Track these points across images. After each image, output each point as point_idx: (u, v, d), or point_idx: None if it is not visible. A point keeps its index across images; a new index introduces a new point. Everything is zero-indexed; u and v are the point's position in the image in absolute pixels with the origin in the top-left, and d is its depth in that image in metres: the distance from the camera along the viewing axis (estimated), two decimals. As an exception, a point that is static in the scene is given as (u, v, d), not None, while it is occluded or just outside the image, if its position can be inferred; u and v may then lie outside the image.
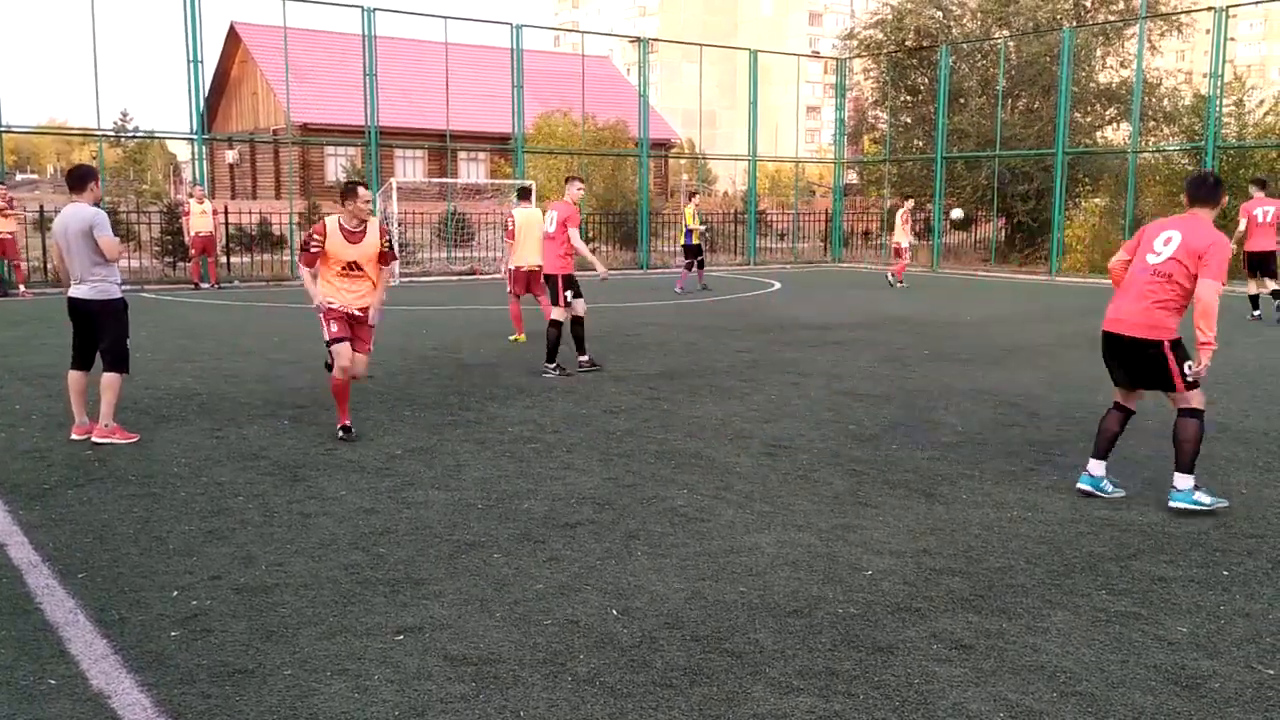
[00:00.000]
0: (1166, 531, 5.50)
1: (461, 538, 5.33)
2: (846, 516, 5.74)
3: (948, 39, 31.28)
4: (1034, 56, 30.02)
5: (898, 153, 32.97)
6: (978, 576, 4.82)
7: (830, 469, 6.77)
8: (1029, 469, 6.80)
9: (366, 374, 8.13)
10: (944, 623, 4.29)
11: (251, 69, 44.30)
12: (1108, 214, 27.38)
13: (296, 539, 5.29)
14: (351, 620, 4.27)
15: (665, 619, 4.31)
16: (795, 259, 31.77)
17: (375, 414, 8.38)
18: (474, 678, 3.77)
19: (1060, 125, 26.00)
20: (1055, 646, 4.06)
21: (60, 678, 3.76)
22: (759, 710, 3.54)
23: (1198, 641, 4.12)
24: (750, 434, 7.79)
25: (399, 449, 7.21)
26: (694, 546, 5.22)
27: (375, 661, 3.89)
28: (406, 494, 6.11)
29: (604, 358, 11.51)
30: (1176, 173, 25.46)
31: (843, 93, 33.52)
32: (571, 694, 3.65)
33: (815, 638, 4.13)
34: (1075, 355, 12.01)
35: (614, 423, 8.14)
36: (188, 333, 13.61)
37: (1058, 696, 3.65)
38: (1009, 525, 5.59)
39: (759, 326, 14.74)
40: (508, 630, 4.18)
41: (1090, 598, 4.57)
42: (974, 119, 30.45)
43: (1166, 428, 8.02)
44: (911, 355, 11.89)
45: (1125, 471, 6.70)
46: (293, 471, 6.60)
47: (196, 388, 9.49)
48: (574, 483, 6.39)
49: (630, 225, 29.51)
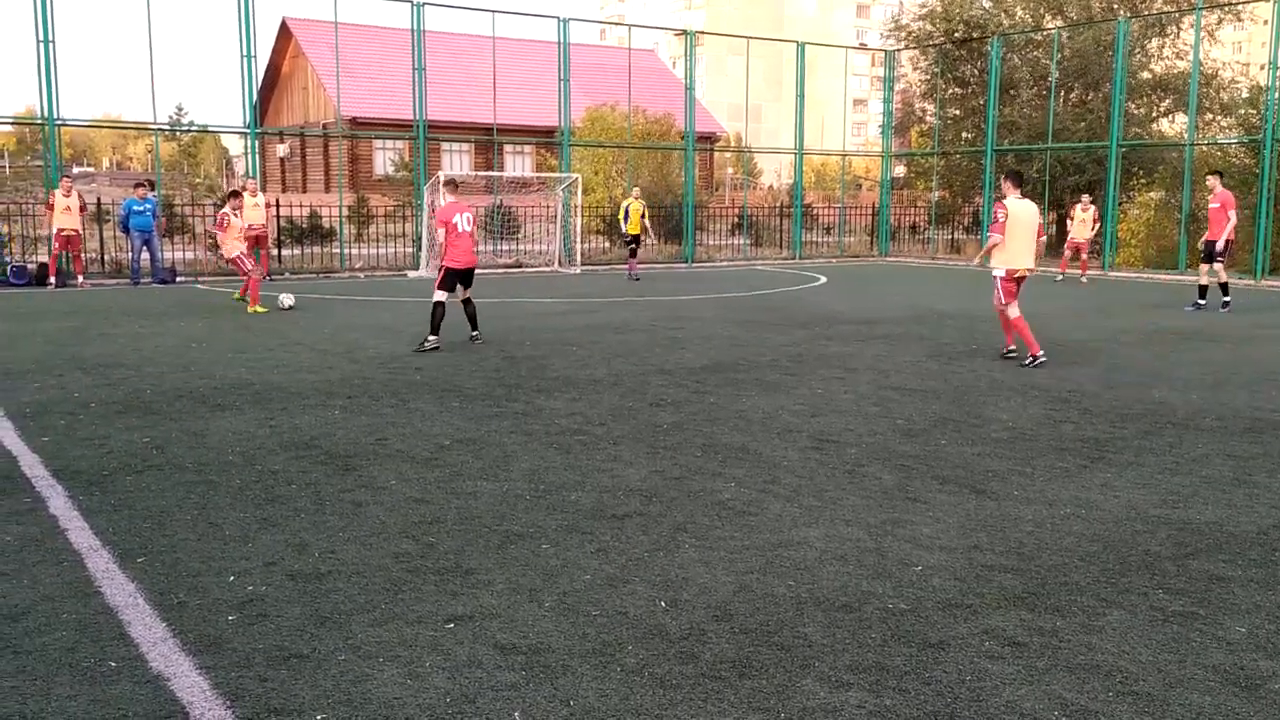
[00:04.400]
0: (1225, 530, 5.40)
1: (510, 528, 5.36)
2: (895, 511, 5.70)
3: (998, 29, 30.87)
4: (1085, 47, 29.54)
5: (946, 145, 32.61)
6: (1030, 574, 4.77)
7: (878, 464, 6.73)
8: (1082, 466, 6.70)
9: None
10: (996, 620, 4.24)
11: (302, 64, 44.80)
12: (1163, 208, 26.89)
13: (348, 527, 5.36)
14: (403, 608, 4.32)
15: (713, 611, 4.31)
16: (841, 253, 31.56)
17: (424, 405, 8.45)
18: (524, 666, 3.79)
19: (1115, 116, 25.56)
20: (1111, 645, 4.01)
21: (121, 660, 3.84)
22: (809, 704, 3.53)
23: (1257, 642, 4.04)
24: (797, 428, 7.75)
25: (447, 440, 7.27)
26: (742, 540, 5.22)
27: (426, 649, 3.93)
28: (455, 484, 6.17)
29: (650, 350, 11.52)
30: (1234, 166, 24.93)
31: (890, 85, 33.21)
32: (620, 684, 3.67)
33: (865, 632, 4.11)
34: (1129, 352, 11.82)
35: (660, 416, 8.15)
36: (241, 324, 13.81)
37: (1114, 696, 3.60)
38: (1061, 523, 5.52)
39: (804, 321, 14.67)
40: (557, 620, 4.21)
41: (1147, 596, 4.50)
42: (1024, 111, 30.04)
43: (1223, 423, 7.88)
44: (959, 350, 11.77)
45: (1182, 469, 6.59)
46: (344, 461, 6.68)
47: (250, 378, 9.64)
48: (621, 475, 6.41)
49: (676, 219, 29.47)
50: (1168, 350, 11.98)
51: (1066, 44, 29.86)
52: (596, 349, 11.66)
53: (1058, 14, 31.71)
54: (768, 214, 33.79)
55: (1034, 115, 29.52)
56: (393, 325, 13.74)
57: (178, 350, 11.33)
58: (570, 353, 11.37)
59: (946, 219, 33.97)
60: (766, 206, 35.96)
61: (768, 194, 49.29)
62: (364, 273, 23.36)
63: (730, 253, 30.35)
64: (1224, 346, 12.34)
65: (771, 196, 44.85)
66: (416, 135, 24.39)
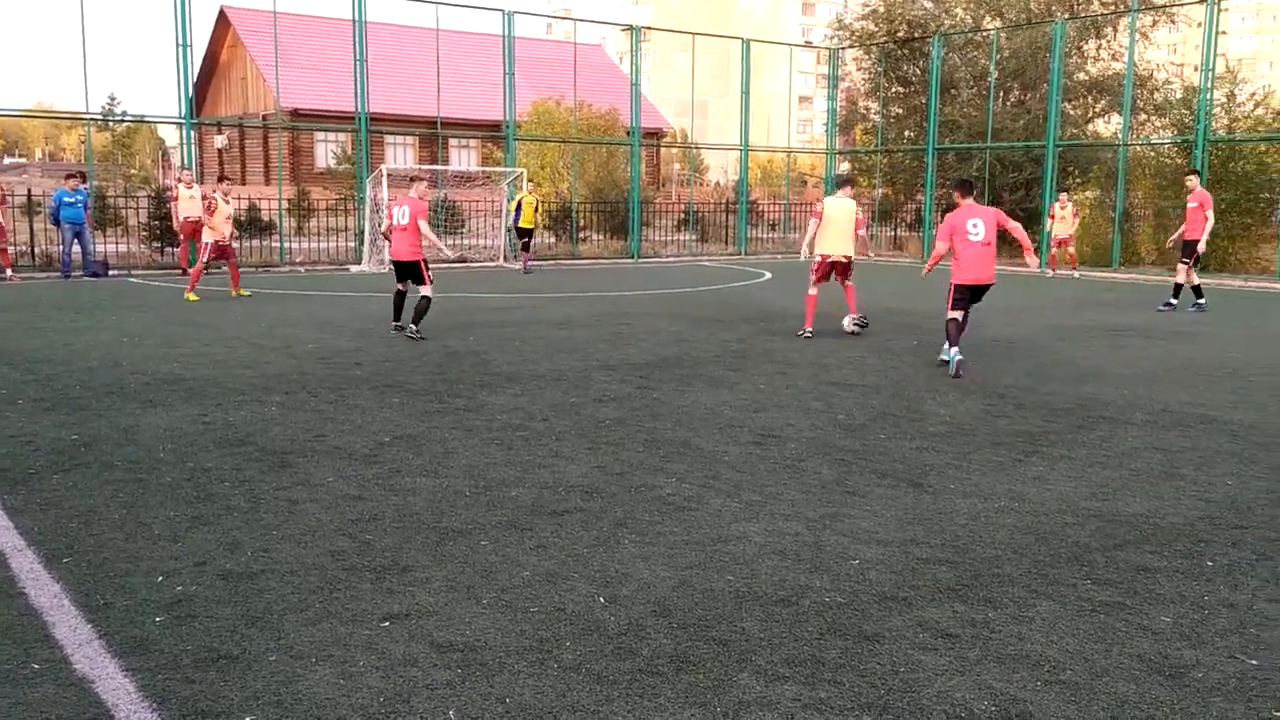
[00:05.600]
0: (1152, 522, 5.52)
1: (449, 525, 5.32)
2: (834, 506, 5.75)
3: (939, 29, 31.26)
4: (1023, 48, 30.02)
5: (889, 143, 32.96)
6: (964, 566, 4.83)
7: (818, 458, 6.78)
8: (1016, 460, 6.82)
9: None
10: (930, 612, 4.30)
11: (241, 53, 44.06)
12: (1098, 206, 27.43)
13: (283, 525, 5.28)
14: (338, 607, 4.26)
15: (652, 607, 4.31)
16: (786, 249, 31.77)
17: (363, 401, 8.36)
18: (460, 664, 3.76)
19: (1052, 117, 26.03)
20: (1040, 635, 4.08)
21: (44, 662, 3.74)
22: (745, 698, 3.55)
23: (1182, 631, 4.14)
24: (739, 423, 7.79)
25: (387, 436, 7.20)
26: (682, 535, 5.23)
27: (361, 648, 3.88)
28: (394, 481, 6.10)
29: (594, 346, 11.51)
30: (1166, 166, 25.49)
31: (835, 83, 33.48)
32: (557, 681, 3.65)
33: (802, 626, 4.14)
34: (1063, 347, 12.04)
35: (603, 411, 8.14)
36: (176, 319, 13.55)
37: (1041, 685, 3.66)
38: (995, 515, 5.61)
39: (748, 316, 14.74)
40: (494, 617, 4.18)
41: (1075, 588, 4.59)
42: (965, 110, 30.46)
43: (1153, 417, 8.06)
44: (900, 346, 11.91)
45: (1112, 462, 6.73)
46: (280, 457, 6.58)
47: (183, 373, 9.45)
48: (562, 471, 6.39)
49: (622, 215, 29.46)
50: (1101, 346, 12.22)
51: (1005, 45, 30.32)
52: (540, 344, 11.62)
53: (997, 15, 32.18)
54: (714, 210, 33.89)
55: (974, 114, 29.93)
56: (333, 320, 13.57)
57: (109, 345, 11.08)
58: (514, 348, 11.31)
59: (890, 216, 34.35)
60: (712, 202, 36.07)
61: (714, 190, 49.44)
62: (304, 267, 23.04)
63: (676, 248, 30.41)
64: (1156, 342, 12.62)
65: (718, 192, 45.00)
66: (358, 128, 24.10)
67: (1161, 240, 25.52)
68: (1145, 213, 26.37)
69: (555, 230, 29.79)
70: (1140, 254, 26.02)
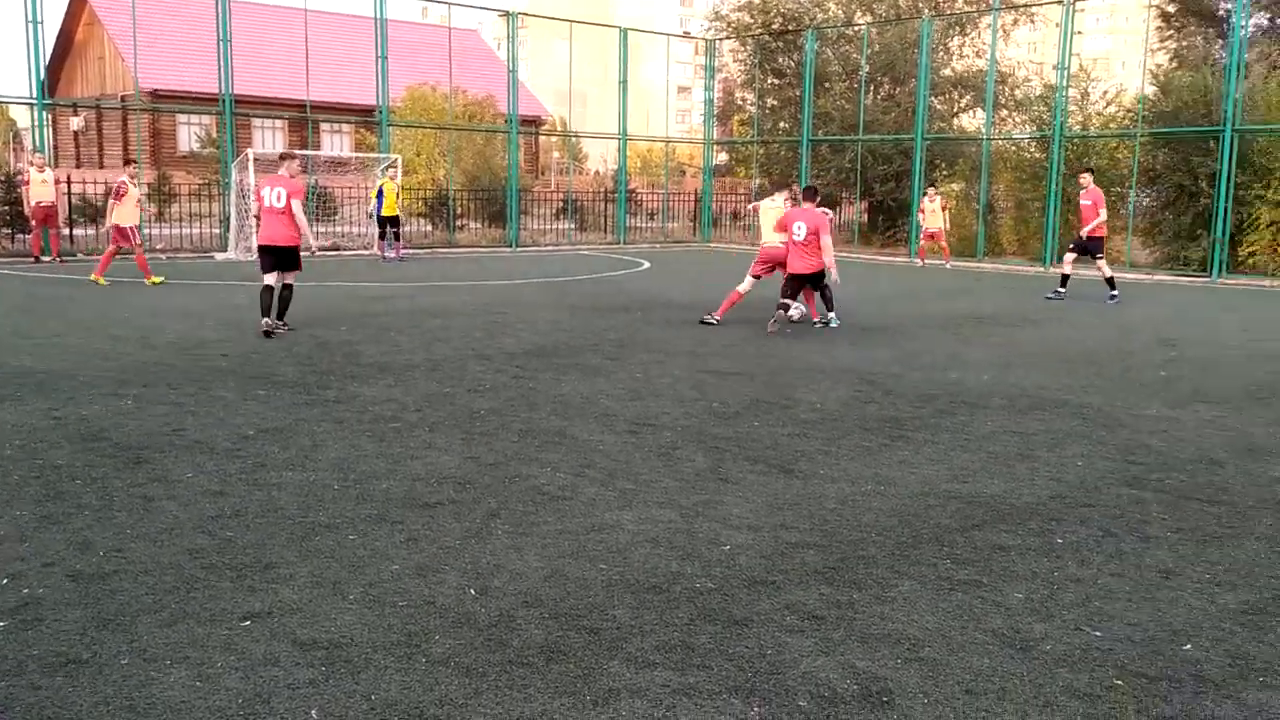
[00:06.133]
0: (1008, 502, 5.75)
1: (315, 519, 5.19)
2: (707, 493, 5.81)
3: (813, 24, 31.87)
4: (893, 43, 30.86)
5: (765, 134, 33.46)
6: (831, 549, 4.95)
7: (692, 446, 6.85)
8: (883, 444, 7.01)
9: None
10: (797, 594, 4.39)
11: (98, 31, 42.02)
12: (963, 198, 28.39)
13: (138, 524, 5.06)
14: (195, 607, 4.11)
15: (524, 598, 4.29)
16: (665, 238, 31.98)
17: (227, 393, 8.08)
18: (324, 662, 3.68)
19: (920, 111, 26.82)
20: (901, 614, 4.20)
21: None
22: (614, 685, 3.56)
23: (1032, 606, 4.32)
24: (615, 412, 7.81)
25: (251, 429, 6.97)
26: (555, 525, 5.21)
27: (219, 649, 3.75)
28: (258, 475, 5.92)
29: (470, 335, 11.38)
30: (1026, 160, 26.54)
31: (712, 74, 33.82)
32: (425, 675, 3.60)
33: (672, 612, 4.17)
34: (930, 334, 12.44)
35: (478, 401, 8.05)
36: (27, 308, 12.87)
37: (901, 663, 3.78)
38: (862, 499, 5.76)
39: (626, 305, 14.79)
40: (361, 612, 4.10)
41: (935, 567, 4.74)
42: (838, 103, 31.13)
43: (1011, 401, 8.39)
44: (775, 334, 12.11)
45: (972, 445, 6.98)
46: (135, 453, 6.31)
47: (34, 366, 8.98)
48: (435, 462, 6.30)
49: (500, 203, 29.18)
50: (965, 333, 12.67)
51: (876, 40, 31.10)
52: (415, 334, 11.43)
53: (868, 11, 32.96)
54: (593, 199, 33.86)
55: (846, 107, 30.62)
56: (197, 310, 13.09)
57: (-48, 337, 10.46)
58: (387, 338, 11.10)
59: (765, 206, 34.83)
60: (592, 191, 36.04)
61: (593, 179, 49.41)
62: (166, 254, 22.15)
63: (555, 237, 30.30)
64: (1015, 330, 13.14)
65: (597, 181, 44.97)
66: (222, 110, 23.26)
67: (1023, 231, 26.60)
68: (1007, 205, 27.40)
69: (432, 218, 29.33)
70: (1003, 244, 27.03)
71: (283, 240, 11.21)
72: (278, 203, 11.12)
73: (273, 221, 11.21)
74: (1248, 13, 23.96)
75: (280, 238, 11.21)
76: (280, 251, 11.25)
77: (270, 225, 11.26)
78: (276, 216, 11.17)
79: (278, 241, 11.22)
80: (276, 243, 11.23)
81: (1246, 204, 21.87)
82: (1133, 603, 4.37)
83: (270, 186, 11.25)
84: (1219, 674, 3.74)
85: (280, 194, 11.11)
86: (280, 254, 11.25)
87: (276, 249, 11.25)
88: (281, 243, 11.22)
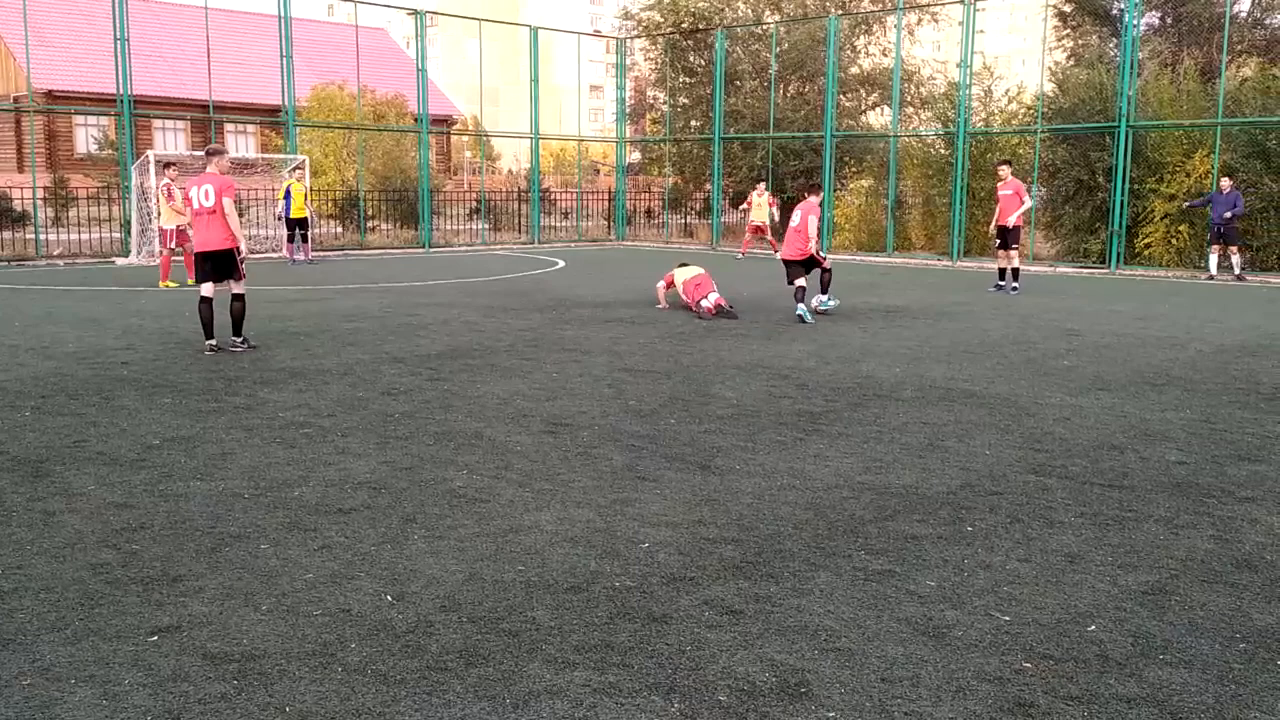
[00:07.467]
0: (919, 492, 5.88)
1: (225, 530, 5.07)
2: (625, 491, 5.83)
3: (722, 22, 32.13)
4: (801, 41, 31.28)
5: (677, 133, 33.63)
6: (749, 544, 5.00)
7: (610, 445, 6.85)
8: (798, 438, 7.10)
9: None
10: (716, 590, 4.42)
11: (-14, 28, 40.37)
12: (873, 194, 28.92)
13: (38, 539, 4.89)
14: (100, 623, 3.99)
15: (441, 602, 4.24)
16: (579, 237, 31.94)
17: (131, 402, 7.85)
18: (236, 675, 3.59)
19: (829, 108, 27.23)
20: (818, 606, 4.26)
21: None
22: (534, 687, 3.55)
23: (944, 594, 4.42)
24: (531, 413, 7.78)
25: (156, 439, 6.78)
26: (473, 527, 5.17)
27: (126, 665, 3.64)
28: (164, 486, 5.76)
29: (384, 338, 11.22)
30: (933, 157, 27.14)
31: (623, 72, 33.86)
32: (341, 684, 3.54)
33: (592, 612, 4.17)
34: (843, 328, 12.63)
35: (392, 405, 7.95)
36: (-88, 318, 12.32)
37: (818, 654, 3.83)
38: (778, 493, 5.83)
39: (541, 305, 14.74)
40: (274, 623, 4.01)
41: (851, 558, 4.82)
42: (748, 101, 31.45)
43: (921, 393, 8.57)
44: (690, 331, 12.19)
45: (884, 437, 7.11)
46: (34, 466, 6.09)
47: (-79, 379, 8.61)
48: (349, 468, 6.20)
49: (411, 203, 28.83)
50: (876, 327, 12.90)
51: (785, 38, 31.48)
52: (326, 338, 11.24)
53: (776, 9, 33.36)
54: (506, 198, 33.67)
55: (757, 105, 30.95)
56: (98, 317, 12.68)
57: None
58: (298, 342, 10.89)
59: (679, 204, 35.10)
60: (505, 191, 35.84)
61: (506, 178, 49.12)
62: (64, 260, 21.41)
63: (468, 237, 30.05)
64: (924, 323, 13.42)
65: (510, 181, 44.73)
66: (121, 111, 22.56)
67: (930, 226, 27.20)
68: (915, 200, 27.99)
69: (343, 220, 28.85)
70: (911, 239, 27.61)
71: (217, 244, 10.27)
72: (206, 201, 10.18)
73: (205, 224, 10.28)
74: (1139, 11, 24.83)
75: (214, 241, 10.27)
76: (216, 257, 10.32)
77: (202, 229, 10.34)
78: (209, 218, 10.23)
79: (212, 246, 10.29)
80: (211, 247, 10.30)
81: (1142, 198, 22.68)
82: (1040, 587, 4.51)
83: (198, 185, 10.29)
84: (1122, 653, 3.87)
85: (209, 191, 10.17)
86: (216, 260, 10.33)
87: (211, 255, 10.33)
88: (216, 247, 10.28)
